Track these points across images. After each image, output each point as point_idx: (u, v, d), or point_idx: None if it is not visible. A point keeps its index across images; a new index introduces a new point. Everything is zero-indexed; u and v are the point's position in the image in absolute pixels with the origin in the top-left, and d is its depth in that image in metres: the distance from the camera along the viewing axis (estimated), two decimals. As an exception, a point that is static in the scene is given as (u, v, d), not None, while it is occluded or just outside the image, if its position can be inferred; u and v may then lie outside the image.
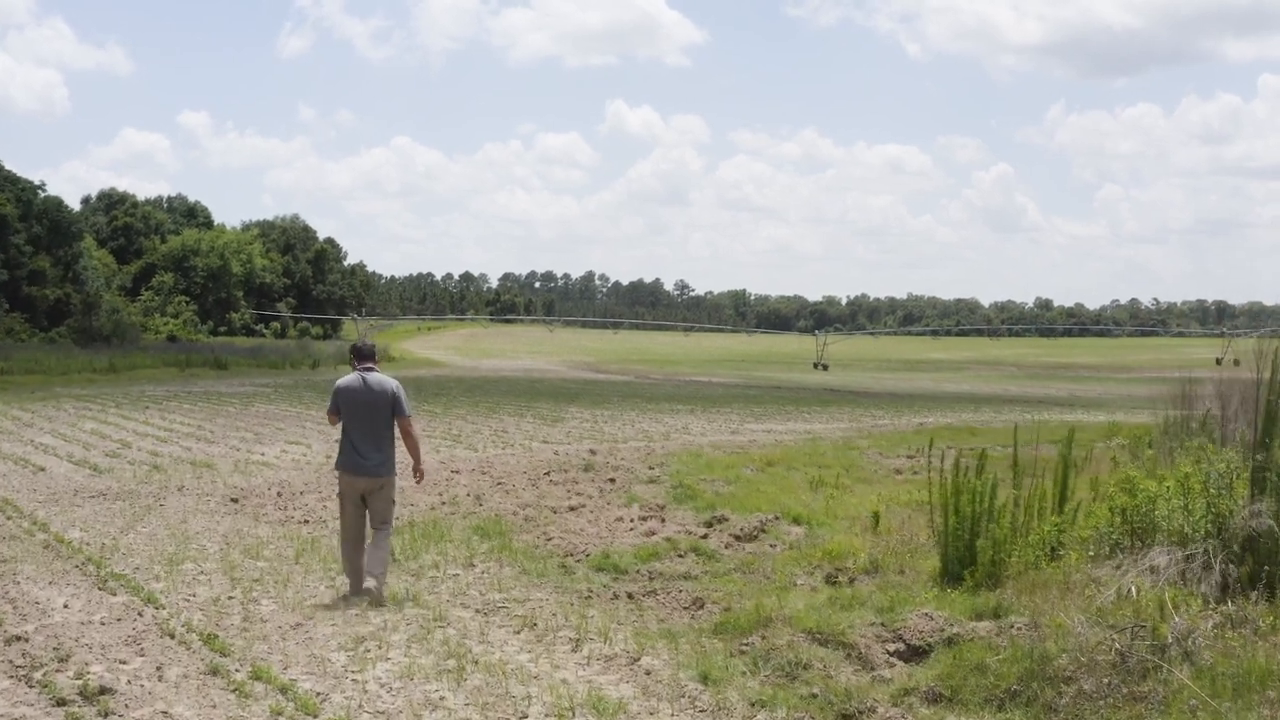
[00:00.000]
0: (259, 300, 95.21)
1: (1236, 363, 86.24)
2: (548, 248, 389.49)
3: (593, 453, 21.85)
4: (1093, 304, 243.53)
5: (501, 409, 33.10)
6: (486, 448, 22.53)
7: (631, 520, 13.45)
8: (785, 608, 8.68)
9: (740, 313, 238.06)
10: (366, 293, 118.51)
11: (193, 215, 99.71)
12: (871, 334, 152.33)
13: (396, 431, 9.91)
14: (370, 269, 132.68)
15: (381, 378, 9.95)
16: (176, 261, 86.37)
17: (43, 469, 17.72)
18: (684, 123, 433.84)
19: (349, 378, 10.02)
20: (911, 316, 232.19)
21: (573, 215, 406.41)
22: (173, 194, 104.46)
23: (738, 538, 12.12)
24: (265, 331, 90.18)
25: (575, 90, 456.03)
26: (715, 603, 9.36)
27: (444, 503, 14.75)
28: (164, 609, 8.87)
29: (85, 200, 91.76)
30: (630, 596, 9.68)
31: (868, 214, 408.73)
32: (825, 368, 78.39)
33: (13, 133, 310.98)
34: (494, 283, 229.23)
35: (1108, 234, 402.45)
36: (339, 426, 9.96)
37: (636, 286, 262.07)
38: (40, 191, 64.14)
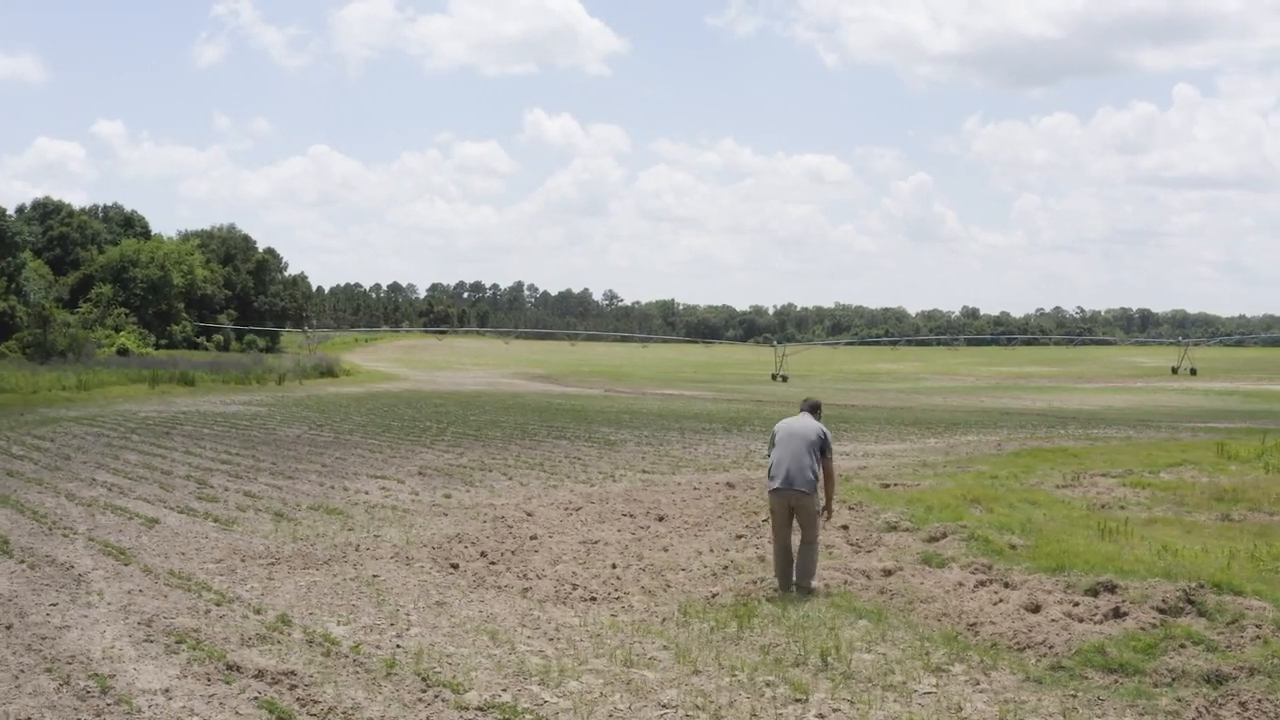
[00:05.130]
0: (200, 312, 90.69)
1: (1193, 371, 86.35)
2: (466, 257, 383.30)
3: (731, 485, 19.42)
4: (1016, 312, 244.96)
5: (528, 431, 30.47)
6: (591, 479, 20.02)
7: (974, 586, 10.95)
8: None
9: (669, 322, 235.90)
10: (307, 304, 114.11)
11: (130, 225, 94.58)
12: (833, 345, 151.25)
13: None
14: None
15: (814, 422, 11.22)
16: (115, 273, 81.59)
17: (155, 520, 14.69)
18: (603, 132, 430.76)
19: (787, 419, 11.41)
20: (840, 326, 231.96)
21: (491, 225, 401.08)
22: (109, 203, 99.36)
23: (1162, 611, 9.64)
24: (208, 344, 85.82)
25: (493, 99, 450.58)
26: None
27: (725, 568, 12.12)
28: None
29: (20, 209, 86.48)
30: (1208, 711, 7.19)
31: (788, 223, 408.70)
32: (785, 379, 76.20)
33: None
34: (421, 293, 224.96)
35: (1025, 243, 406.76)
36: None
37: (565, 296, 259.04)
38: (-20, 199, 59.80)
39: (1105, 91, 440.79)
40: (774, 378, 77.13)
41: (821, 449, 10.97)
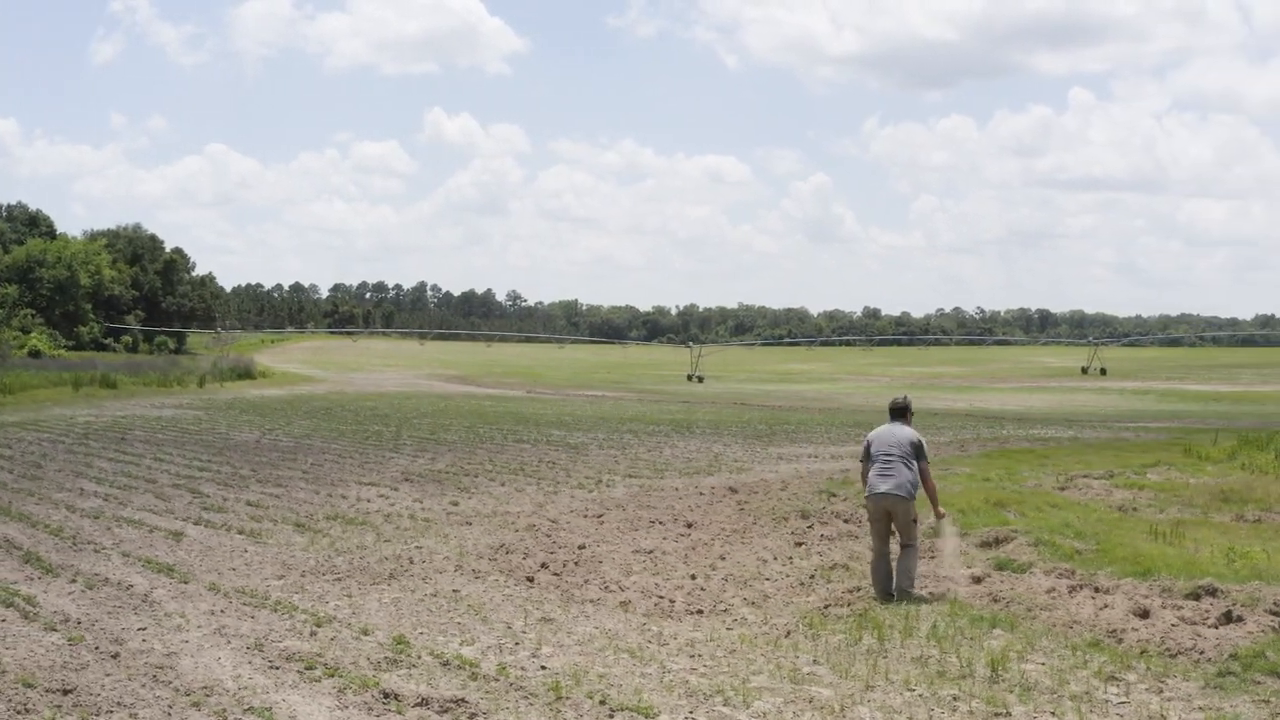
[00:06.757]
0: (107, 313, 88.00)
1: (1103, 371, 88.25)
2: (365, 258, 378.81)
3: (733, 490, 19.26)
4: (916, 312, 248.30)
5: (482, 435, 29.93)
6: (584, 485, 19.73)
7: (1068, 591, 10.88)
8: None
9: (573, 323, 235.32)
10: (215, 304, 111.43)
11: (35, 224, 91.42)
12: (748, 345, 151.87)
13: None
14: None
15: (906, 429, 11.17)
16: (21, 273, 78.76)
17: (179, 534, 14.02)
18: (504, 132, 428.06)
19: (879, 427, 11.35)
20: (743, 326, 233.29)
21: (391, 225, 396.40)
22: (12, 202, 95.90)
23: (1276, 614, 9.64)
24: (116, 346, 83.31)
25: (393, 98, 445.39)
26: None
27: (811, 576, 11.94)
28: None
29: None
30: None
31: (688, 224, 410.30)
32: (701, 380, 76.06)
33: None
34: (324, 293, 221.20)
35: (923, 244, 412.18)
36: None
37: (469, 297, 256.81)
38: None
39: (1002, 94, 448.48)
40: (690, 378, 76.72)
41: (917, 454, 10.95)
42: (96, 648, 8.64)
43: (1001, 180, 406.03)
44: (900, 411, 11.38)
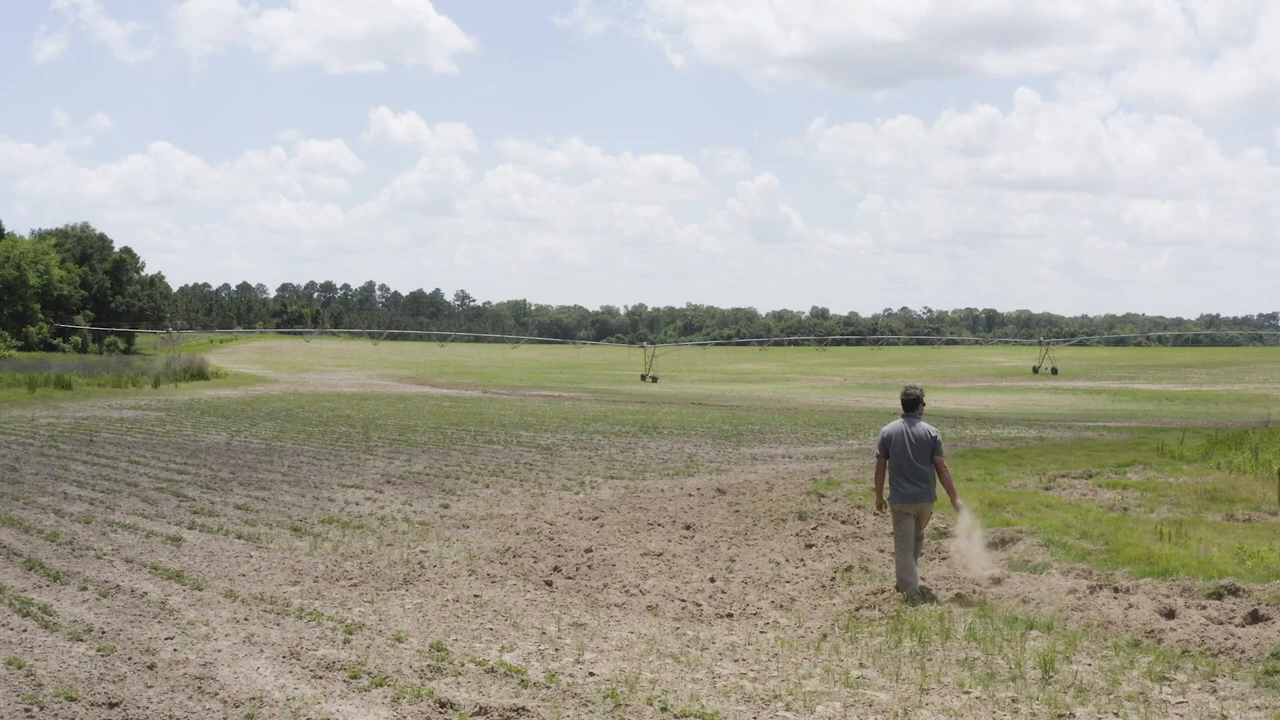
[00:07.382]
0: (56, 313, 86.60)
1: (1054, 371, 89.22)
2: (312, 257, 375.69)
3: (721, 491, 19.21)
4: (864, 312, 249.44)
5: (452, 436, 29.78)
6: (569, 487, 19.64)
7: (1088, 591, 10.92)
8: None
9: (521, 323, 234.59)
10: (165, 304, 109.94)
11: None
12: (700, 345, 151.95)
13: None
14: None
15: (923, 425, 11.20)
16: (-33, 273, 77.56)
17: (178, 539, 13.73)
18: (450, 131, 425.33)
19: (894, 425, 11.30)
20: (692, 326, 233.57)
21: (337, 225, 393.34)
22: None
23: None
24: (65, 346, 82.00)
25: (339, 97, 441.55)
26: None
27: (832, 579, 11.90)
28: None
29: None
30: None
31: (634, 224, 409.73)
32: (655, 380, 75.97)
33: None
34: (272, 293, 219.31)
35: (870, 244, 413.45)
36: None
37: (417, 297, 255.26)
38: None
39: (948, 94, 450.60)
40: (644, 378, 76.53)
41: (934, 450, 11.08)
42: (130, 659, 8.45)
43: (948, 180, 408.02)
44: (914, 403, 11.35)
